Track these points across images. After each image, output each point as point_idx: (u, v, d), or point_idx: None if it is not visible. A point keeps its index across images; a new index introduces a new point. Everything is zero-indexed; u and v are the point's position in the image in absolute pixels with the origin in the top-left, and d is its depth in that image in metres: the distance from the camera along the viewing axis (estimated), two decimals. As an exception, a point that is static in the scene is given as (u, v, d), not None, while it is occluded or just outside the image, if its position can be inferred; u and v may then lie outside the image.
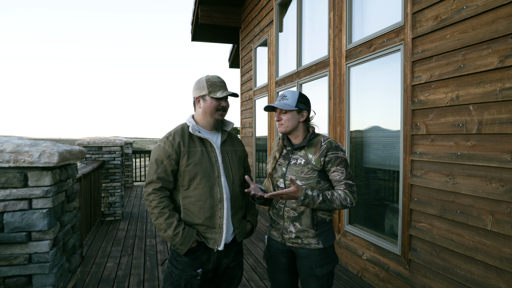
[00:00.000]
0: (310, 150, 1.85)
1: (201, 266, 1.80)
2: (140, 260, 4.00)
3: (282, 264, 1.93)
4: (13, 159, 1.59)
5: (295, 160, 1.87)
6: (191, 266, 1.79)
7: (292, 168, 1.85)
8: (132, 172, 9.88)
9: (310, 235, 1.82)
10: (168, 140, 1.80)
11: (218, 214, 1.79)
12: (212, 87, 1.81)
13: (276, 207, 1.91)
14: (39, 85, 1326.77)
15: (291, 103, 1.84)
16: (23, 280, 1.65)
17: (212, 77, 1.84)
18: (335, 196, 1.74)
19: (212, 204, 1.78)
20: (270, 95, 6.08)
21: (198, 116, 1.88)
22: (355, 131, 3.72)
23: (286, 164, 1.90)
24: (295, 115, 1.86)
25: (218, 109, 1.83)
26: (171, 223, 1.72)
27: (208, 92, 1.81)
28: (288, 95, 1.87)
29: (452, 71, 2.46)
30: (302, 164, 1.83)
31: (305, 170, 1.82)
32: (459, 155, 2.42)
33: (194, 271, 1.78)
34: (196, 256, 1.79)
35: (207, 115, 1.84)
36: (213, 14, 7.37)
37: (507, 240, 2.12)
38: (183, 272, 1.78)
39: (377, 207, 3.49)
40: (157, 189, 1.76)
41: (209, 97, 1.82)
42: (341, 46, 3.83)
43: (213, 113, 1.83)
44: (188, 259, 1.79)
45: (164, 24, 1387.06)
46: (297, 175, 1.82)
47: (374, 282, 3.30)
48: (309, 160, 1.83)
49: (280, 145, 1.98)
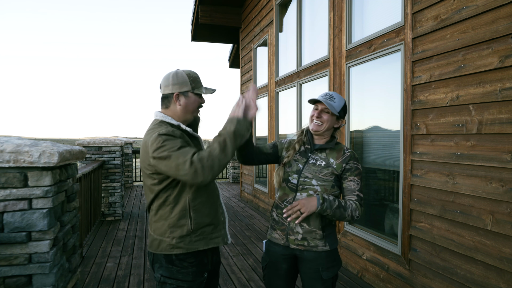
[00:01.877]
0: (332, 155, 1.83)
1: (205, 270, 1.73)
2: (140, 260, 4.00)
3: (282, 270, 1.85)
4: (13, 159, 1.59)
5: (314, 160, 1.83)
6: (199, 273, 1.69)
7: (311, 167, 1.81)
8: (132, 172, 9.89)
9: (318, 236, 1.77)
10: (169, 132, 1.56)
11: (220, 210, 1.76)
12: (195, 83, 1.70)
13: (282, 206, 1.84)
14: (39, 85, 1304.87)
15: (337, 107, 1.81)
16: (23, 280, 1.65)
17: (191, 72, 1.72)
18: (348, 204, 1.71)
19: (215, 201, 1.74)
20: (270, 95, 6.08)
21: (175, 113, 1.69)
22: (355, 131, 3.72)
23: (303, 161, 1.85)
24: (334, 120, 1.83)
25: (199, 107, 1.75)
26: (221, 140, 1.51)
27: (191, 88, 1.67)
28: (336, 98, 1.83)
29: (452, 71, 2.46)
30: (322, 166, 1.80)
31: (324, 172, 1.79)
32: (459, 155, 2.42)
33: (202, 276, 1.70)
34: (201, 261, 1.70)
35: (188, 113, 1.70)
36: (213, 14, 7.37)
37: (507, 240, 2.12)
38: (194, 283, 1.67)
39: (377, 207, 3.49)
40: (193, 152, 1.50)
41: (193, 94, 1.68)
42: (341, 46, 3.84)
43: (194, 111, 1.72)
44: (195, 268, 1.67)
45: (164, 24, 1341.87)
46: (314, 174, 1.79)
47: (374, 282, 3.30)
48: (330, 163, 1.81)
49: (301, 139, 1.92)
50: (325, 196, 1.67)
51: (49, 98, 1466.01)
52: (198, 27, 8.06)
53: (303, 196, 1.79)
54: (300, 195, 1.79)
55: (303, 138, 1.92)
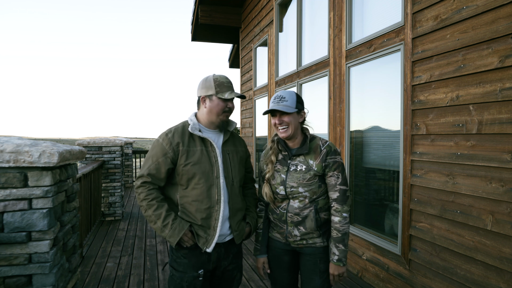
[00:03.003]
0: (309, 156, 1.81)
1: (202, 267, 1.77)
2: (140, 260, 4.00)
3: (284, 262, 1.92)
4: (13, 159, 1.59)
5: (295, 166, 1.81)
6: (192, 267, 1.76)
7: (293, 175, 1.80)
8: (132, 172, 9.88)
9: (315, 235, 1.83)
10: (167, 137, 1.76)
11: (214, 216, 1.76)
12: (220, 88, 1.77)
13: (277, 212, 1.86)
14: (39, 85, 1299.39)
15: (291, 104, 1.77)
16: (23, 280, 1.65)
17: (220, 77, 1.80)
18: (340, 228, 1.76)
19: (209, 205, 1.75)
20: (270, 95, 6.08)
21: (202, 115, 1.83)
22: (355, 131, 3.72)
23: (285, 170, 1.83)
24: (296, 117, 1.79)
25: (224, 111, 1.79)
26: (159, 214, 1.70)
27: (215, 92, 1.76)
28: (286, 96, 1.79)
29: (452, 71, 2.46)
30: (303, 171, 1.79)
31: (307, 177, 1.78)
32: (459, 155, 2.42)
33: (196, 272, 1.76)
34: (195, 255, 1.77)
35: (213, 115, 1.79)
36: (213, 14, 7.37)
37: (507, 240, 2.12)
38: (184, 274, 1.76)
39: (377, 207, 3.49)
40: (146, 182, 1.75)
41: (216, 98, 1.77)
42: (341, 46, 3.83)
43: (220, 114, 1.79)
44: (187, 260, 1.76)
45: (164, 24, 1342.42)
46: (299, 182, 1.78)
47: (374, 282, 3.30)
48: (310, 166, 1.79)
49: (275, 148, 1.88)
50: (342, 259, 1.76)
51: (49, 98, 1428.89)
52: (198, 27, 8.06)
53: (295, 202, 1.80)
54: (293, 201, 1.82)
55: (276, 147, 1.89)
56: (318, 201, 1.81)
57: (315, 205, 1.80)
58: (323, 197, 1.83)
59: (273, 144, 1.90)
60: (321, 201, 1.82)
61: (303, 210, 1.79)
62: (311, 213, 1.79)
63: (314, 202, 1.80)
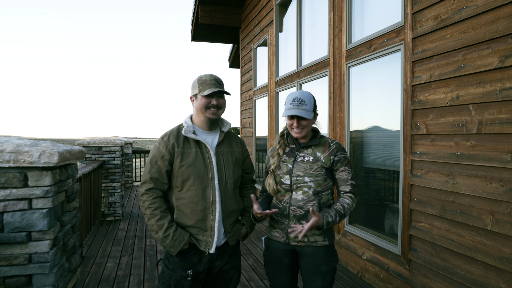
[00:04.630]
0: (318, 149, 1.86)
1: (191, 267, 1.80)
2: (140, 260, 4.00)
3: (284, 264, 1.91)
4: (13, 159, 1.59)
5: (302, 157, 1.86)
6: (182, 266, 1.79)
7: (300, 165, 1.84)
8: (132, 172, 9.88)
9: (317, 232, 1.82)
10: (163, 140, 1.81)
11: (210, 217, 1.78)
12: (203, 86, 1.80)
13: (280, 206, 1.87)
14: (39, 85, 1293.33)
15: (310, 108, 1.83)
16: (23, 280, 1.65)
17: (204, 76, 1.84)
18: (346, 208, 1.78)
19: (204, 206, 1.77)
20: (270, 95, 6.08)
21: (194, 116, 1.90)
22: (355, 131, 3.72)
23: (291, 161, 1.88)
24: (312, 120, 1.86)
25: (208, 107, 1.80)
26: (162, 225, 1.73)
27: (199, 91, 1.81)
28: (306, 100, 1.83)
29: (452, 71, 2.46)
30: (310, 161, 1.84)
31: (314, 167, 1.82)
32: (459, 155, 2.42)
33: (185, 271, 1.78)
34: (187, 257, 1.79)
35: (200, 113, 1.84)
36: (213, 14, 7.37)
37: (507, 240, 2.12)
38: (174, 272, 1.79)
39: (377, 207, 3.49)
40: (150, 189, 1.77)
41: (200, 96, 1.81)
42: (341, 46, 3.83)
43: (204, 111, 1.81)
44: (178, 260, 1.79)
45: (164, 24, 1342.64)
46: (305, 172, 1.82)
47: (374, 282, 3.30)
48: (317, 157, 1.84)
49: (282, 142, 1.94)
50: (329, 220, 1.72)
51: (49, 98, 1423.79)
52: (198, 27, 8.06)
53: (298, 194, 1.82)
54: (296, 193, 1.83)
55: (285, 141, 1.94)
56: (321, 196, 1.83)
57: (318, 199, 1.81)
58: (327, 192, 1.85)
59: (281, 139, 1.95)
60: (324, 196, 1.84)
61: (307, 203, 1.80)
62: (314, 207, 1.80)
63: (317, 196, 1.81)
